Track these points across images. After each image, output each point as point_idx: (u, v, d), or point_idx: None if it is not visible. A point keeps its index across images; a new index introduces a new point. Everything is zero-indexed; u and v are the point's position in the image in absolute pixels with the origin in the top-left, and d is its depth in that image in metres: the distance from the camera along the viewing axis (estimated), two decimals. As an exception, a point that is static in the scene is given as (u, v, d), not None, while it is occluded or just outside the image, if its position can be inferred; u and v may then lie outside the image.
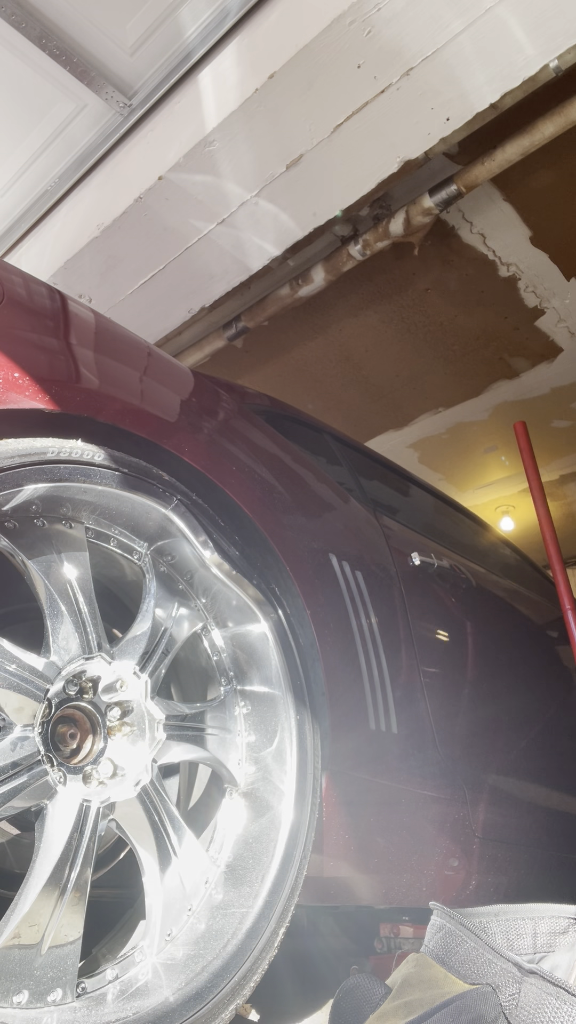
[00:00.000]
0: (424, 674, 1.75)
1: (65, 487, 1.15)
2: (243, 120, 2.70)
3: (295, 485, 1.60)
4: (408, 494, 2.62)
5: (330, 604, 1.48)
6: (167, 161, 2.89)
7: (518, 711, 2.21)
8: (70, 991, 1.00)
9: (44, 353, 1.19)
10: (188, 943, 1.13)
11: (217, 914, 1.17)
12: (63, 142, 3.16)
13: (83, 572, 1.17)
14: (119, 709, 1.17)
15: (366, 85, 2.57)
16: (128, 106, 3.02)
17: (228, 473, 1.38)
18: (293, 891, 1.21)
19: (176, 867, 1.16)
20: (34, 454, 1.10)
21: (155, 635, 1.23)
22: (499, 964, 0.74)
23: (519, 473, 5.84)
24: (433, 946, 0.88)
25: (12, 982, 0.95)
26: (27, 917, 0.97)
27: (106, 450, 1.20)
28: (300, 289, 3.61)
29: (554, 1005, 0.69)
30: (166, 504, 1.26)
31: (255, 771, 1.29)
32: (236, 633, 1.35)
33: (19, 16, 2.69)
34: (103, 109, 3.04)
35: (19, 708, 1.03)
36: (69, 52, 2.83)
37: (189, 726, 1.24)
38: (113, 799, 1.11)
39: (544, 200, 3.47)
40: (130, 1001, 1.04)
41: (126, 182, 3.07)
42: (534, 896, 1.87)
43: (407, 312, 4.12)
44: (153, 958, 1.11)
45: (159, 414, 1.32)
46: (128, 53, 2.90)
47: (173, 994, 1.05)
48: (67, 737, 1.11)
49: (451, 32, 2.41)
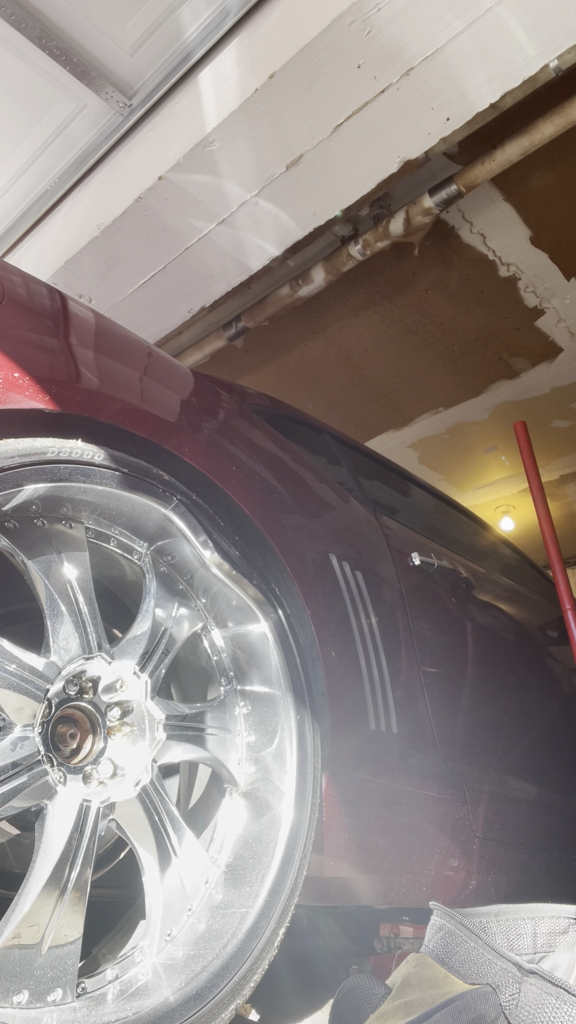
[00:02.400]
0: (424, 674, 1.75)
1: (65, 487, 1.15)
2: (243, 120, 2.70)
3: (295, 485, 1.60)
4: (408, 494, 2.62)
5: (330, 604, 1.48)
6: (167, 161, 2.89)
7: (518, 711, 2.21)
8: (70, 991, 1.00)
9: (44, 353, 1.19)
10: (188, 943, 1.13)
11: (217, 914, 1.17)
12: (63, 142, 3.16)
13: (83, 572, 1.16)
14: (119, 709, 1.17)
15: (366, 85, 2.57)
16: (128, 106, 3.02)
17: (228, 473, 1.38)
18: (293, 891, 1.21)
19: (176, 867, 1.16)
20: (34, 454, 1.10)
21: (155, 635, 1.23)
22: (499, 964, 0.74)
23: (519, 473, 5.84)
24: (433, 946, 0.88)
25: (12, 982, 0.95)
26: (27, 917, 0.97)
27: (106, 450, 1.20)
28: (300, 289, 3.61)
29: (554, 1005, 0.69)
30: (166, 504, 1.26)
31: (255, 771, 1.29)
32: (236, 633, 1.35)
33: (19, 16, 2.69)
34: (103, 109, 3.04)
35: (19, 708, 1.03)
36: (69, 52, 2.83)
37: (189, 726, 1.24)
38: (113, 799, 1.11)
39: (544, 200, 3.47)
40: (130, 1001, 1.04)
41: (126, 182, 3.07)
42: (534, 896, 1.87)
43: (407, 312, 4.12)
44: (153, 958, 1.11)
45: (159, 414, 1.32)
46: (128, 53, 2.90)
47: (173, 994, 1.05)
48: (67, 737, 1.11)
49: (451, 32, 2.41)
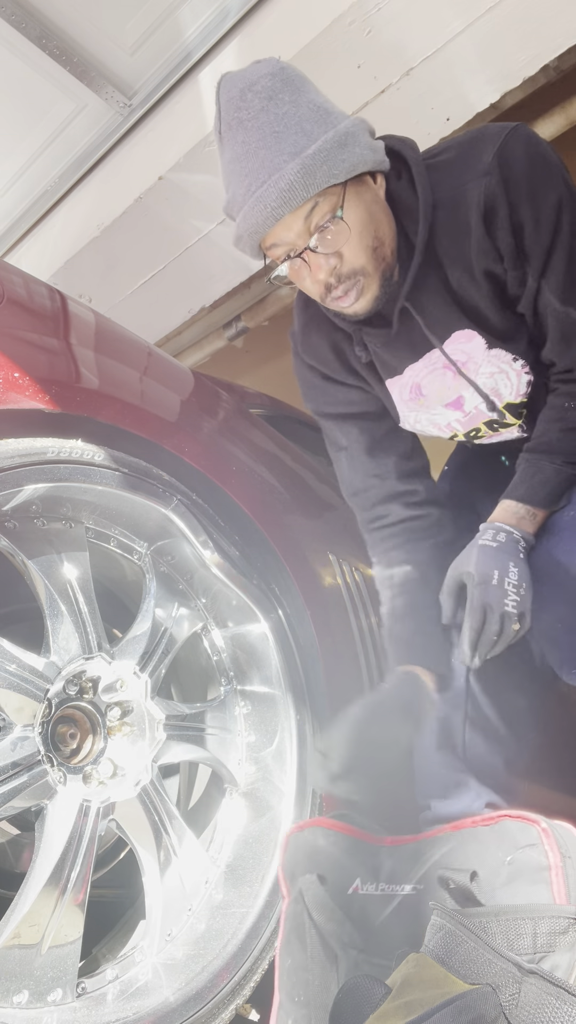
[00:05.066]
0: (424, 674, 1.75)
1: (65, 487, 1.15)
2: (243, 120, 2.70)
3: (295, 485, 1.60)
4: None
5: (330, 604, 1.48)
6: (167, 161, 2.89)
7: (518, 711, 2.20)
8: (70, 991, 1.01)
9: (44, 353, 1.19)
10: (188, 943, 1.13)
11: (217, 914, 1.17)
12: (63, 142, 3.16)
13: (83, 572, 1.17)
14: (119, 709, 1.17)
15: (366, 85, 2.57)
16: (128, 106, 3.02)
17: (228, 473, 1.38)
18: (293, 891, 1.21)
19: (176, 867, 1.16)
20: (34, 454, 1.10)
21: (155, 635, 1.23)
22: (499, 964, 0.75)
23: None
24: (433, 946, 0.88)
25: (12, 982, 0.95)
26: (27, 917, 0.98)
27: (106, 450, 1.20)
28: (300, 289, 3.61)
29: (554, 1005, 0.70)
30: (166, 504, 1.26)
31: (255, 771, 1.29)
32: (236, 633, 1.35)
33: (19, 16, 2.69)
34: (103, 109, 3.03)
35: (19, 708, 1.03)
36: (69, 52, 2.83)
37: (189, 726, 1.24)
38: (113, 799, 1.11)
39: (544, 200, 3.46)
40: (130, 1001, 1.05)
41: (126, 182, 3.07)
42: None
43: (407, 312, 4.11)
44: (153, 958, 1.11)
45: (159, 414, 1.32)
46: (128, 53, 2.90)
47: (173, 994, 1.05)
48: (67, 737, 1.11)
49: (451, 32, 2.41)
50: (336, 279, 1.12)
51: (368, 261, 1.13)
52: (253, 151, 1.05)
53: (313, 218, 1.07)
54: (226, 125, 1.08)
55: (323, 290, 1.14)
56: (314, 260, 1.10)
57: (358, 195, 1.10)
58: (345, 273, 1.12)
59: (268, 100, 1.06)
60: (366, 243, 1.12)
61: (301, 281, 1.15)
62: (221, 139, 1.10)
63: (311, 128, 1.05)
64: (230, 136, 1.08)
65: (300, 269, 1.13)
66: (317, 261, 1.10)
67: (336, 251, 1.10)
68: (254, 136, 1.05)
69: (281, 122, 1.05)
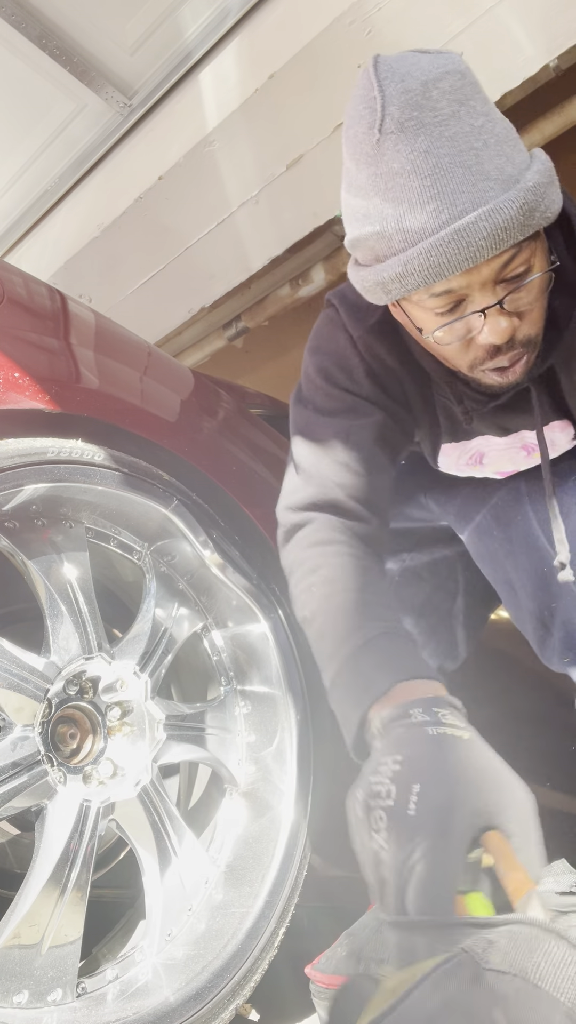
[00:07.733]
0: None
1: (65, 487, 1.15)
2: (243, 120, 2.70)
3: (295, 485, 1.60)
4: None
5: (330, 604, 1.48)
6: (167, 161, 2.89)
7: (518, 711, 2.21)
8: (70, 991, 1.01)
9: (44, 353, 1.19)
10: (188, 943, 1.13)
11: (217, 914, 1.17)
12: (63, 142, 3.17)
13: (83, 572, 1.17)
14: (119, 709, 1.17)
15: (366, 85, 2.56)
16: (128, 106, 3.02)
17: (228, 473, 1.38)
18: (293, 891, 1.21)
19: (176, 867, 1.16)
20: (34, 454, 1.10)
21: (155, 635, 1.23)
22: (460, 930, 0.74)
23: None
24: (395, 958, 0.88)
25: (12, 982, 0.95)
26: (27, 917, 0.98)
27: (106, 450, 1.20)
28: (300, 289, 3.61)
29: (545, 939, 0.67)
30: (166, 504, 1.26)
31: (255, 771, 1.29)
32: (236, 633, 1.35)
33: (19, 16, 2.69)
34: (103, 109, 3.04)
35: (19, 708, 1.03)
36: (69, 52, 2.83)
37: (189, 726, 1.24)
38: (113, 799, 1.11)
39: (544, 200, 3.47)
40: (130, 1001, 1.05)
41: (126, 182, 3.07)
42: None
43: (407, 312, 4.11)
44: (153, 958, 1.11)
45: (159, 414, 1.32)
46: (128, 53, 2.90)
47: (173, 994, 1.05)
48: (67, 737, 1.11)
49: (451, 32, 2.41)
50: (508, 345, 0.92)
51: (540, 331, 0.94)
52: (446, 168, 0.82)
53: (510, 269, 0.87)
54: (397, 124, 0.84)
55: (484, 355, 0.94)
56: (493, 320, 0.88)
57: (545, 250, 0.91)
58: (520, 340, 0.92)
59: (460, 105, 0.84)
60: (543, 308, 0.93)
61: (454, 339, 0.93)
62: (381, 138, 0.86)
63: (511, 153, 0.85)
64: (403, 140, 0.84)
65: (460, 327, 0.91)
66: (497, 321, 0.88)
67: (521, 312, 0.90)
68: (445, 148, 0.82)
69: (479, 137, 0.83)
